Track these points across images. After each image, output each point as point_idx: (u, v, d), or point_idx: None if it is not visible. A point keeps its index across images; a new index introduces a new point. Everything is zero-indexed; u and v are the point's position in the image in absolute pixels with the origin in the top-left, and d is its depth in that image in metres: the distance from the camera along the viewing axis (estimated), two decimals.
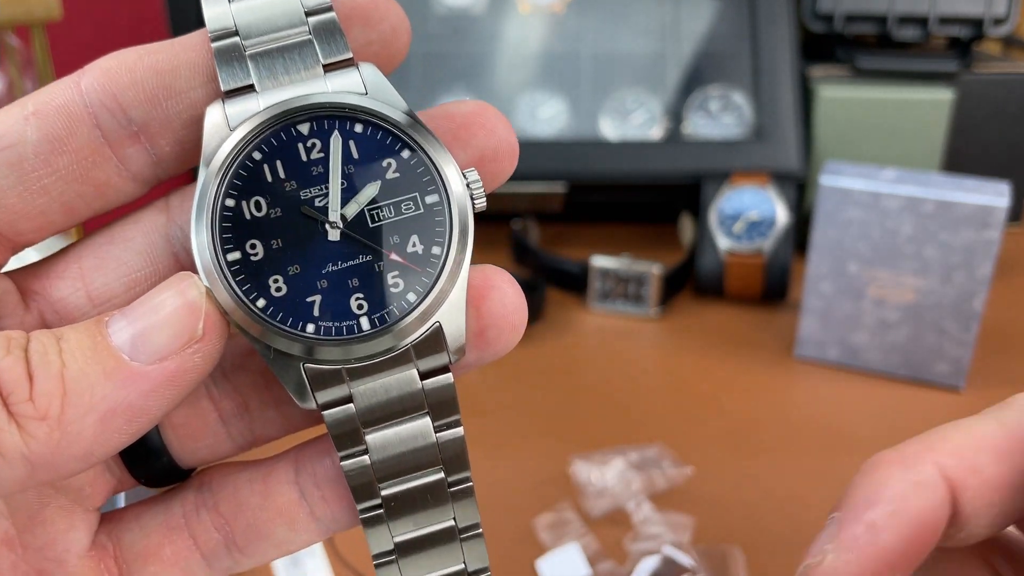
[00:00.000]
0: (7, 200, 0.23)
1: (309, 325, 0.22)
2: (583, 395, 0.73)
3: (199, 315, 0.21)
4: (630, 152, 0.92)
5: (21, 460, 0.20)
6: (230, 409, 0.26)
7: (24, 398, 0.20)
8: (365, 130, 0.24)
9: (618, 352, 0.80)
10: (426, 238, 0.23)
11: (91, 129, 0.23)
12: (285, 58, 0.23)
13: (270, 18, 0.24)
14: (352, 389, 0.23)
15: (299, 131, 0.23)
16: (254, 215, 0.23)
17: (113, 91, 0.23)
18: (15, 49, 0.68)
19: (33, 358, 0.20)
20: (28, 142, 0.22)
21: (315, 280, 0.23)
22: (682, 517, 0.57)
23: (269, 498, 0.24)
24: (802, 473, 0.62)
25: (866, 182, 0.70)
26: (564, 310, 0.86)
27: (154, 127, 0.23)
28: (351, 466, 0.23)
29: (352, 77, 0.24)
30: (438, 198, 0.23)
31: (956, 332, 0.71)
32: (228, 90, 0.23)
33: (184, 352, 0.21)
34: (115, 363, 0.21)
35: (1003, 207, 0.67)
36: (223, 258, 0.22)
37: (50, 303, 0.24)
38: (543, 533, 0.57)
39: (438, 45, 0.96)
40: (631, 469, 0.60)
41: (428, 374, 0.23)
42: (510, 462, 0.63)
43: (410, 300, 0.23)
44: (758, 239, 0.85)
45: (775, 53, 0.93)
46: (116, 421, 0.21)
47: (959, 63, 0.91)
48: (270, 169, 0.23)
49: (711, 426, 0.68)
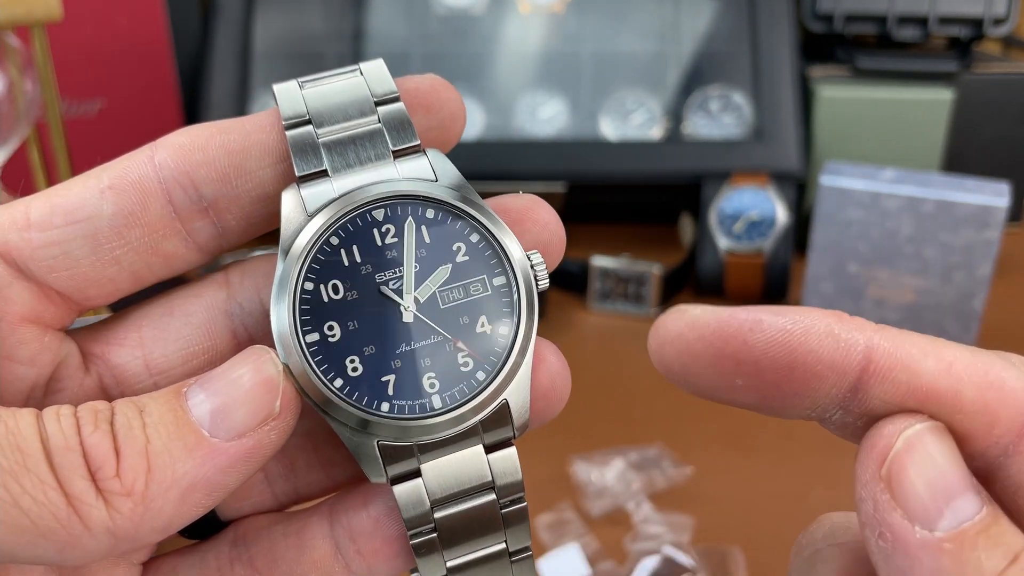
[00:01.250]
0: (80, 269, 0.23)
1: (384, 404, 0.23)
2: (583, 395, 0.73)
3: (276, 393, 0.22)
4: (630, 152, 0.92)
5: (106, 534, 0.20)
6: (276, 471, 0.26)
7: (111, 474, 0.20)
8: (436, 215, 0.25)
9: (618, 352, 0.80)
10: (494, 318, 0.24)
11: (164, 205, 0.24)
12: (357, 145, 0.25)
13: (341, 106, 0.25)
14: (421, 464, 0.24)
15: (374, 217, 0.24)
16: (332, 297, 0.24)
17: (186, 168, 0.24)
18: (15, 49, 0.68)
19: (119, 432, 0.21)
20: (104, 216, 0.23)
21: (390, 360, 0.24)
22: (682, 517, 0.57)
23: (304, 552, 0.25)
24: (802, 473, 0.62)
25: (866, 182, 0.70)
26: (564, 310, 0.86)
27: (223, 203, 0.24)
28: (419, 544, 0.24)
29: (421, 162, 0.25)
30: (505, 280, 0.25)
31: (956, 332, 0.71)
32: (303, 175, 0.24)
33: (261, 429, 0.22)
34: (196, 439, 0.21)
35: (1003, 207, 0.67)
36: (303, 339, 0.23)
37: (109, 368, 0.25)
38: (543, 533, 0.57)
39: (438, 45, 0.96)
40: (631, 469, 0.60)
41: (492, 447, 0.24)
42: None
43: (479, 379, 0.24)
44: (758, 239, 0.85)
45: (775, 53, 0.93)
46: (196, 495, 0.21)
47: (959, 63, 0.91)
48: (347, 253, 0.24)
49: (711, 426, 0.68)
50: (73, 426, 0.21)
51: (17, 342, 0.23)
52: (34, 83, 0.69)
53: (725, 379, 0.21)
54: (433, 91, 0.26)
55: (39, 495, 0.20)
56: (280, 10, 0.95)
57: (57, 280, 0.23)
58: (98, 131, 0.88)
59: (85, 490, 0.20)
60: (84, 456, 0.20)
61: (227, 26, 0.93)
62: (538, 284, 0.25)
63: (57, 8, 0.64)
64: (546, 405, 0.25)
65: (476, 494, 0.24)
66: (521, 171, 0.90)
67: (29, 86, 0.68)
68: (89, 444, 0.20)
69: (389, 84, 0.25)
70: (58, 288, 0.24)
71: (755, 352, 0.20)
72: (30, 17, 0.64)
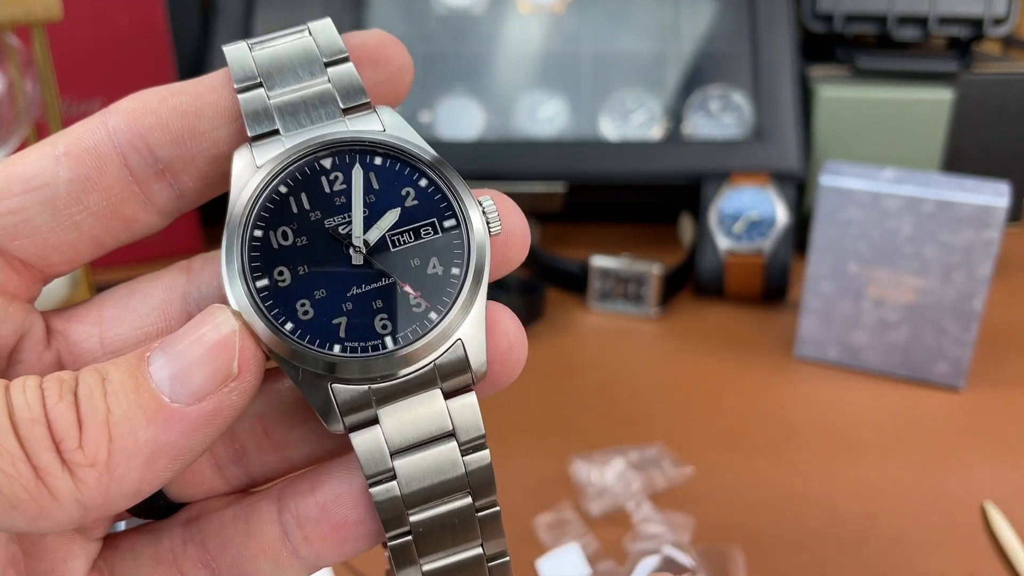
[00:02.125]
0: (41, 235, 0.24)
1: (336, 346, 0.23)
2: (583, 395, 0.73)
3: (233, 352, 0.22)
4: (630, 152, 0.92)
5: (75, 504, 0.21)
6: (226, 455, 0.26)
7: (74, 445, 0.21)
8: (384, 162, 0.25)
9: (618, 352, 0.80)
10: (445, 260, 0.24)
11: (120, 169, 0.24)
12: (308, 106, 0.25)
13: (291, 67, 0.25)
14: (379, 410, 0.24)
15: (322, 165, 0.25)
16: (281, 244, 0.24)
17: (140, 132, 0.24)
18: (15, 49, 0.68)
19: (82, 403, 0.21)
20: (61, 182, 0.24)
21: (340, 303, 0.24)
22: (682, 517, 0.57)
23: (252, 536, 0.25)
24: (802, 473, 0.62)
25: (866, 182, 0.70)
26: (564, 310, 0.86)
27: (179, 165, 0.25)
28: (380, 491, 0.24)
29: (371, 119, 0.25)
30: (455, 222, 0.25)
31: (956, 332, 0.71)
32: (255, 135, 0.24)
33: (221, 391, 0.22)
34: (156, 405, 0.21)
35: (1003, 207, 0.67)
36: (252, 285, 0.23)
37: (68, 344, 0.25)
38: (543, 533, 0.57)
39: (438, 45, 0.96)
40: (631, 469, 0.60)
41: (451, 394, 0.24)
42: (510, 462, 0.63)
43: (431, 319, 0.24)
44: (758, 239, 0.85)
45: (775, 53, 0.93)
46: (160, 461, 0.21)
47: (959, 63, 0.91)
48: (295, 201, 0.24)
49: (711, 426, 0.68)
50: (38, 398, 0.21)
51: None
52: (34, 83, 0.69)
53: None
54: (380, 46, 0.26)
55: (8, 467, 0.20)
56: (280, 10, 0.95)
57: (19, 248, 0.24)
58: None
59: (51, 462, 0.20)
60: (49, 428, 0.20)
61: (227, 26, 0.93)
62: (490, 228, 0.25)
63: (57, 8, 0.64)
64: (503, 368, 0.25)
65: (436, 441, 0.24)
66: (521, 171, 0.90)
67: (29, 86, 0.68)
68: (53, 416, 0.21)
69: (338, 43, 0.25)
70: (20, 256, 0.24)
71: None
72: (30, 17, 0.64)
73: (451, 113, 0.95)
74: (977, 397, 0.71)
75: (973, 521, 0.58)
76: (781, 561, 0.55)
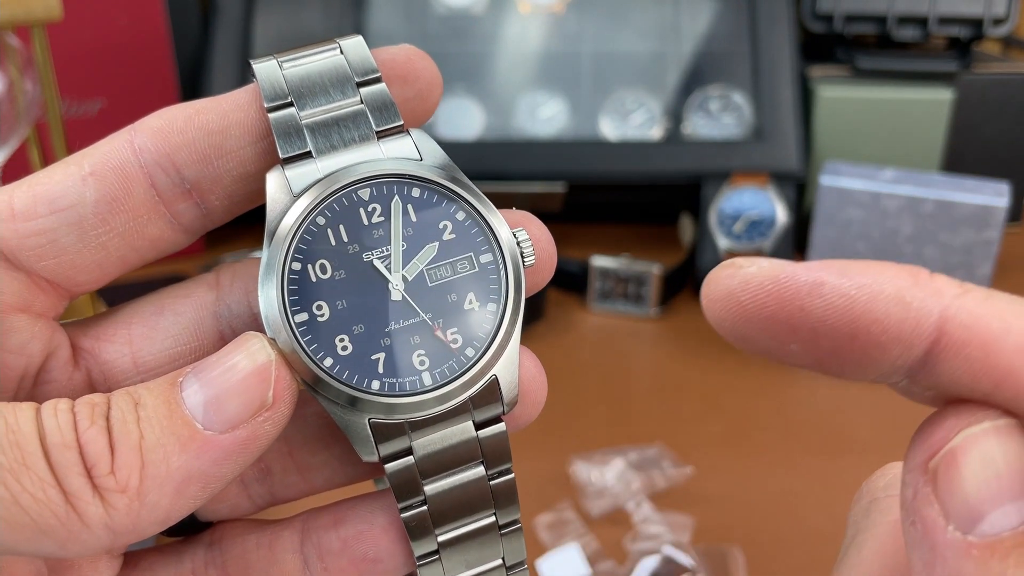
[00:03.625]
0: (67, 256, 0.23)
1: (374, 382, 0.23)
2: (583, 395, 0.73)
3: (269, 382, 0.22)
4: (630, 152, 0.92)
5: (104, 530, 0.20)
6: (252, 474, 0.26)
7: (106, 471, 0.20)
8: (422, 194, 0.25)
9: (618, 352, 0.80)
10: (482, 296, 0.25)
11: (147, 189, 0.24)
12: (340, 127, 0.25)
13: (323, 87, 0.25)
14: (412, 442, 0.24)
15: (360, 196, 0.24)
16: (319, 277, 0.24)
17: (167, 151, 0.24)
18: (15, 49, 0.68)
19: (114, 427, 0.21)
20: (87, 203, 0.23)
21: (379, 338, 0.24)
22: (682, 517, 0.57)
23: (274, 564, 0.25)
24: (802, 473, 0.62)
25: (866, 182, 0.70)
26: (564, 310, 0.86)
27: (205, 184, 0.24)
28: (411, 516, 0.24)
29: (405, 143, 0.25)
30: (492, 257, 0.25)
31: None
32: (287, 157, 0.24)
33: (255, 420, 0.22)
34: (189, 433, 0.21)
35: (1003, 207, 0.67)
36: (291, 319, 0.23)
37: (98, 363, 0.25)
38: (543, 533, 0.57)
39: (438, 45, 0.96)
40: (631, 469, 0.60)
41: (482, 424, 0.24)
42: None
43: (468, 355, 0.24)
44: (758, 239, 0.85)
45: (775, 53, 0.93)
46: (191, 488, 0.21)
47: (959, 63, 0.91)
48: (334, 233, 0.24)
49: (711, 426, 0.68)
50: (70, 422, 0.21)
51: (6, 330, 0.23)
52: (34, 83, 0.69)
53: (779, 343, 0.19)
54: (408, 62, 0.26)
55: (38, 493, 0.20)
56: (280, 10, 0.95)
57: (45, 268, 0.24)
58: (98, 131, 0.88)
59: (82, 487, 0.20)
60: (80, 453, 0.20)
61: (227, 26, 0.93)
62: (524, 261, 0.25)
63: (57, 8, 0.64)
64: (523, 411, 0.25)
65: (465, 467, 0.24)
66: (521, 171, 0.90)
67: (29, 86, 0.68)
68: (85, 440, 0.20)
69: (370, 63, 0.25)
70: (46, 276, 0.24)
71: (813, 318, 0.18)
72: (30, 17, 0.64)
73: (451, 113, 0.95)
74: None
75: None
76: (781, 561, 0.55)
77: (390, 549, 0.25)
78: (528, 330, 0.81)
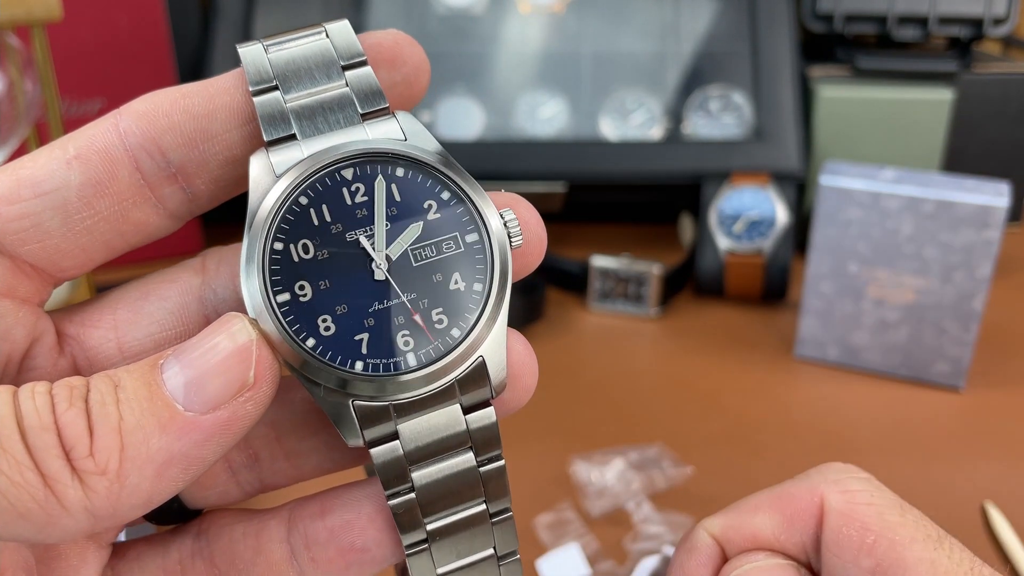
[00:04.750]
0: (52, 240, 0.23)
1: (358, 363, 0.23)
2: (583, 395, 0.73)
3: (250, 362, 0.22)
4: (630, 152, 0.92)
5: (84, 513, 0.20)
6: (240, 460, 0.26)
7: (85, 453, 0.20)
8: (406, 173, 0.24)
9: (618, 352, 0.80)
10: (467, 276, 0.24)
11: (132, 172, 0.24)
12: (325, 110, 0.24)
13: (308, 70, 0.25)
14: (398, 426, 0.23)
15: (343, 176, 0.24)
16: (302, 257, 0.23)
17: (152, 135, 0.24)
18: (15, 49, 0.68)
19: (93, 409, 0.21)
20: (72, 186, 0.23)
21: (362, 319, 0.23)
22: (682, 517, 0.57)
23: (261, 554, 0.25)
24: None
25: (866, 182, 0.70)
26: (564, 310, 0.86)
27: (191, 168, 0.24)
28: (398, 504, 0.24)
29: (391, 125, 0.25)
30: (478, 237, 0.24)
31: (956, 332, 0.71)
32: (271, 140, 0.24)
33: (236, 400, 0.21)
34: (169, 414, 0.21)
35: (1003, 207, 0.67)
36: (273, 299, 0.23)
37: (83, 350, 0.25)
38: (543, 533, 0.57)
39: (438, 45, 0.96)
40: (631, 469, 0.60)
41: (470, 409, 0.24)
42: (510, 462, 0.63)
43: (454, 336, 0.24)
44: (758, 239, 0.85)
45: (775, 53, 0.93)
46: (172, 471, 0.21)
47: (959, 63, 0.91)
48: (316, 213, 0.24)
49: (711, 426, 0.68)
50: (47, 404, 0.20)
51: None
52: (34, 83, 0.69)
53: None
54: (396, 46, 0.25)
55: (15, 476, 0.19)
56: (280, 10, 0.95)
57: (29, 253, 0.23)
58: None
59: (60, 470, 0.20)
60: (58, 435, 0.20)
61: (227, 26, 0.93)
62: (512, 242, 0.25)
63: (57, 8, 0.64)
64: (513, 395, 0.25)
65: (453, 452, 0.24)
66: (521, 171, 0.90)
67: (29, 86, 0.68)
68: (63, 423, 0.20)
69: (355, 46, 0.25)
70: (31, 260, 0.23)
71: None
72: (30, 17, 0.64)
73: (451, 113, 0.95)
74: (977, 397, 0.71)
75: (973, 521, 0.58)
76: None
77: (377, 538, 0.24)
78: (528, 330, 0.81)
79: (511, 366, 0.25)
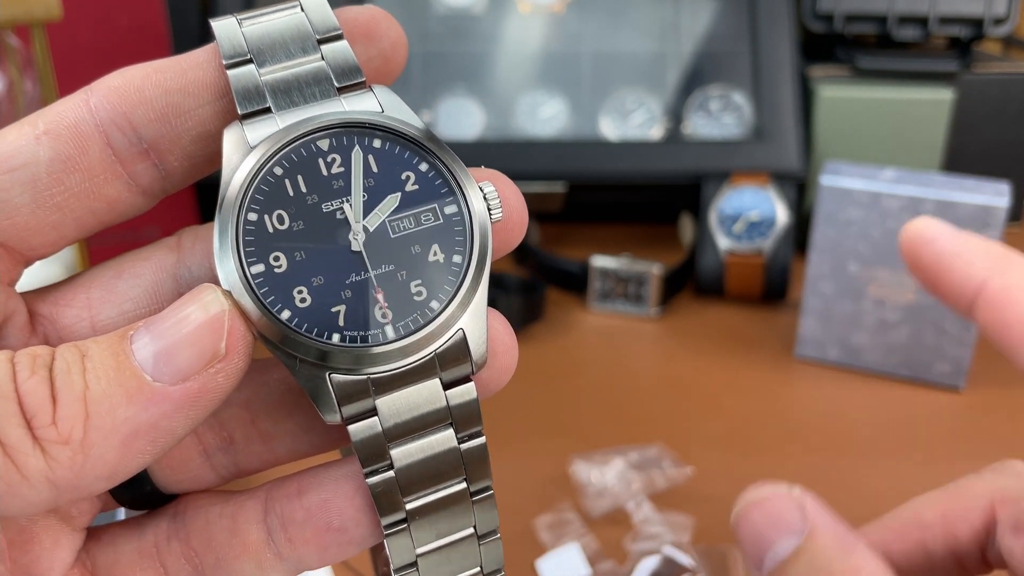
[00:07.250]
0: (21, 217, 0.23)
1: (334, 335, 0.23)
2: (583, 395, 0.73)
3: (221, 333, 0.21)
4: (630, 152, 0.92)
5: (46, 483, 0.20)
6: (214, 443, 0.26)
7: (47, 422, 0.20)
8: (384, 144, 0.24)
9: (618, 352, 0.80)
10: (447, 247, 0.24)
11: (102, 148, 0.23)
12: (301, 83, 0.24)
13: (282, 44, 0.24)
14: (376, 401, 0.23)
15: (319, 147, 0.24)
16: (277, 228, 0.23)
17: (123, 110, 0.23)
18: (15, 49, 0.68)
19: (57, 378, 0.20)
20: (41, 162, 0.23)
21: (339, 290, 0.23)
22: (682, 517, 0.57)
23: (237, 535, 0.24)
24: (802, 473, 0.62)
25: (866, 182, 0.70)
26: (564, 310, 0.86)
27: (163, 144, 0.24)
28: (376, 482, 0.23)
29: (368, 98, 0.24)
30: (457, 208, 0.24)
31: (956, 332, 0.71)
32: (245, 113, 0.23)
33: (207, 372, 0.21)
34: (137, 384, 0.20)
35: (1003, 207, 0.67)
36: (247, 271, 0.22)
37: (56, 329, 0.24)
38: (543, 533, 0.57)
39: (438, 45, 0.96)
40: (631, 469, 0.60)
41: (451, 384, 0.24)
42: (510, 462, 0.63)
43: (433, 308, 0.23)
44: (758, 239, 0.85)
45: (775, 53, 0.93)
46: (139, 443, 0.21)
47: (959, 63, 0.91)
48: (292, 183, 0.23)
49: (711, 426, 0.68)
50: (8, 372, 0.20)
51: None
52: (34, 83, 0.69)
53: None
54: (372, 20, 0.25)
55: None
56: None
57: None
58: None
59: (21, 438, 0.19)
60: (19, 403, 0.20)
61: None
62: (491, 214, 0.24)
63: (57, 8, 0.64)
64: (492, 375, 0.25)
65: (433, 429, 0.24)
66: (521, 171, 0.90)
67: (29, 86, 0.68)
68: (24, 391, 0.20)
69: (331, 20, 0.25)
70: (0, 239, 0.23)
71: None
72: (30, 17, 0.64)
73: (451, 113, 0.95)
74: (977, 397, 0.71)
75: None
76: None
77: (356, 518, 0.24)
78: (528, 330, 0.81)
79: (491, 343, 0.24)
